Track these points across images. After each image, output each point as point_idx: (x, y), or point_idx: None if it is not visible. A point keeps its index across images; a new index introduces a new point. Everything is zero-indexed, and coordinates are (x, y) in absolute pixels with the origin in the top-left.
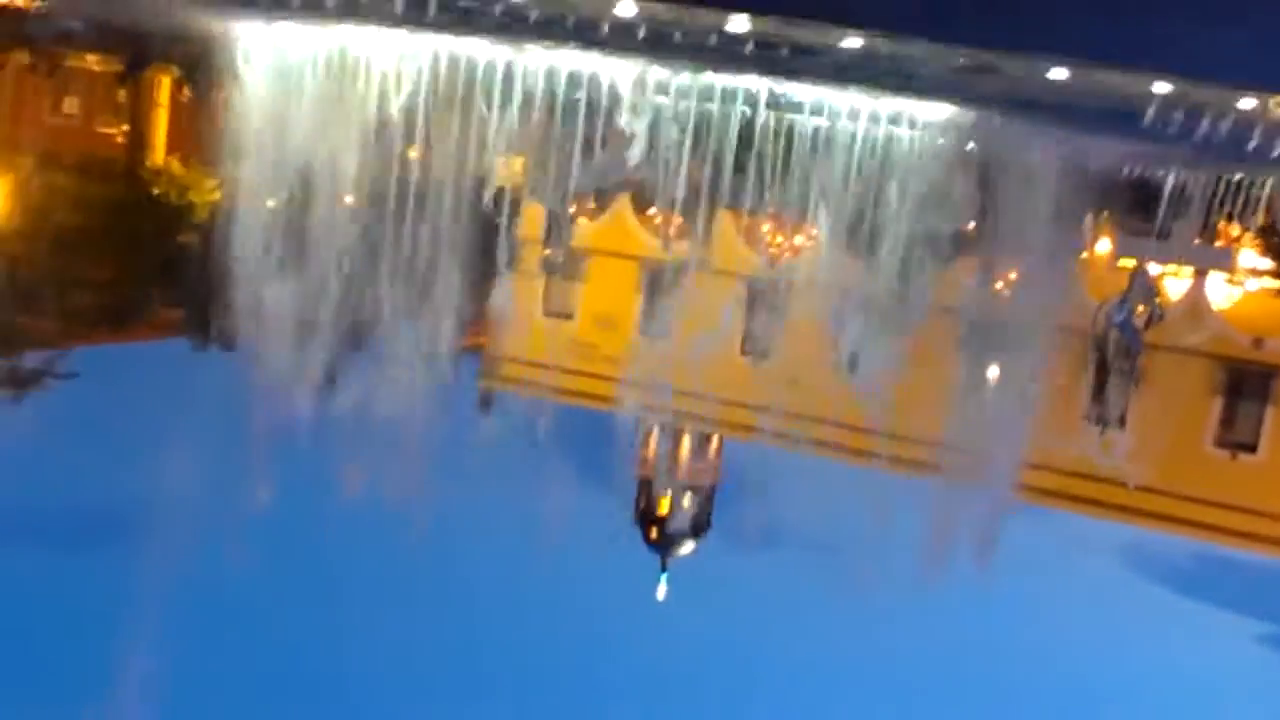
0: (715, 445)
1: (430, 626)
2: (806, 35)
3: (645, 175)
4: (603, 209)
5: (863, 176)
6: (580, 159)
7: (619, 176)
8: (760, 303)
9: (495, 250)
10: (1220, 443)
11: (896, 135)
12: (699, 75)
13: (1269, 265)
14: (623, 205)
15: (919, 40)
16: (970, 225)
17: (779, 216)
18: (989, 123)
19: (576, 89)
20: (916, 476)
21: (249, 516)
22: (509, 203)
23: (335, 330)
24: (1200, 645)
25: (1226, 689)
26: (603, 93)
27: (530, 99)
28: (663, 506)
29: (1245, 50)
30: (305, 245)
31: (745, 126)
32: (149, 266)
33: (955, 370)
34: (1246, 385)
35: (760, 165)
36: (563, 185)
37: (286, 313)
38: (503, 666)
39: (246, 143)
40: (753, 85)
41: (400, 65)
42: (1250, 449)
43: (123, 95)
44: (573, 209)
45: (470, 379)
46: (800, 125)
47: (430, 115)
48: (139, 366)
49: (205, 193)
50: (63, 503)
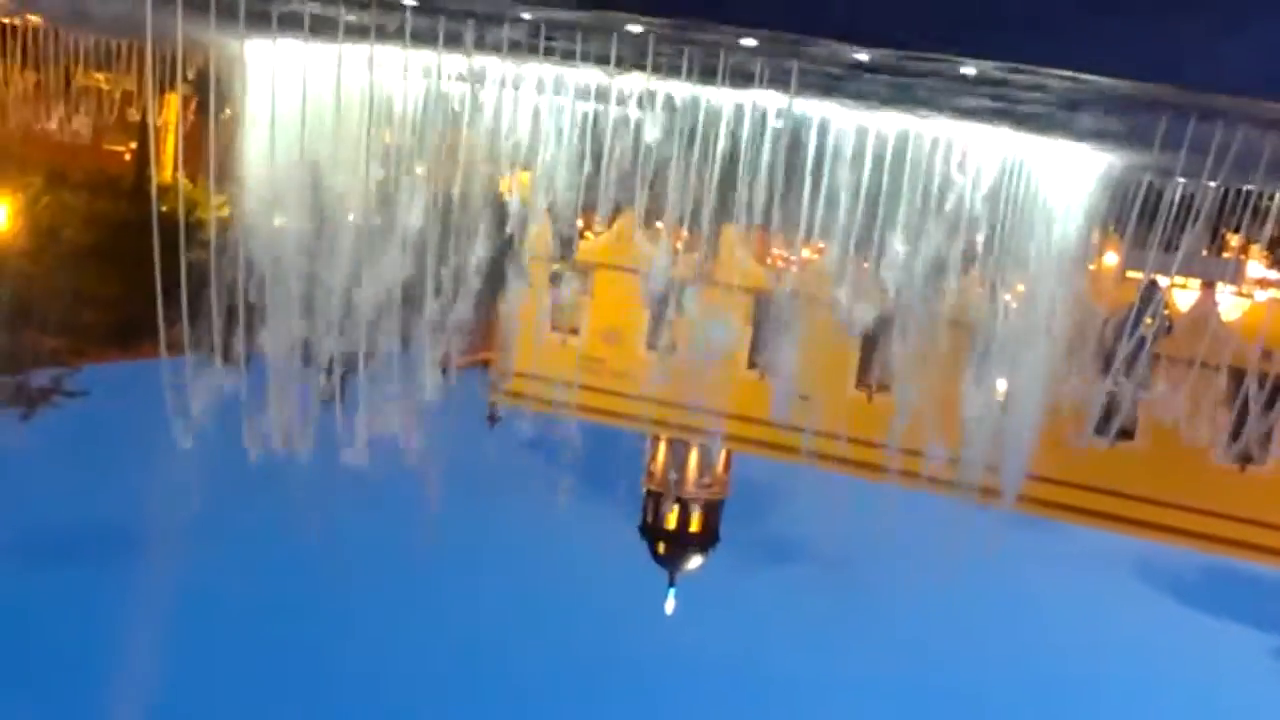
0: (723, 459)
1: (436, 641)
2: (815, 50)
3: (652, 190)
4: (609, 224)
5: (870, 191)
6: (587, 174)
7: (626, 191)
8: (767, 316)
9: (502, 265)
10: (1229, 455)
11: (904, 149)
12: (706, 90)
13: (1277, 277)
14: (629, 220)
15: (924, 54)
16: (978, 238)
17: (786, 230)
18: (995, 135)
19: (584, 103)
20: (926, 491)
21: (255, 533)
22: (516, 218)
23: (342, 346)
24: (1211, 658)
25: (1237, 702)
26: (610, 107)
27: (538, 114)
28: (670, 521)
29: (1256, 61)
30: (312, 262)
31: (753, 141)
32: (157, 284)
33: (964, 383)
34: (1256, 397)
35: (768, 179)
36: (570, 200)
37: (293, 329)
38: (510, 681)
39: (254, 160)
40: (760, 100)
41: (408, 82)
42: (1260, 461)
43: (131, 113)
44: (580, 223)
45: (477, 394)
46: (808, 139)
47: (438, 132)
48: (146, 384)
49: (213, 210)
50: (71, 520)
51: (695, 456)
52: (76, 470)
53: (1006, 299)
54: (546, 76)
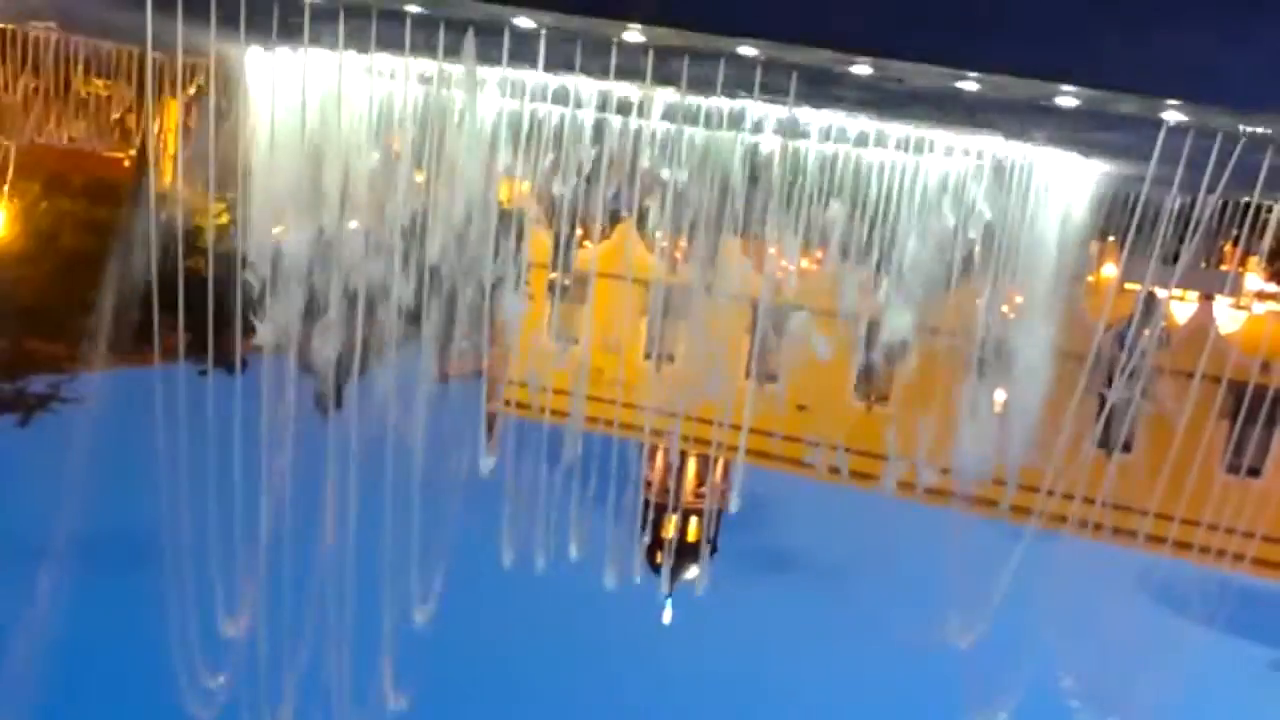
0: (722, 469)
1: (434, 650)
2: (815, 60)
3: (651, 199)
4: (608, 232)
5: (870, 201)
6: (587, 183)
7: (625, 200)
8: (766, 327)
9: (501, 274)
10: (1228, 468)
11: (903, 160)
12: (706, 99)
13: (1276, 289)
14: (628, 228)
15: (925, 65)
16: (976, 249)
17: (785, 241)
18: (996, 146)
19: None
20: (923, 502)
21: (255, 536)
22: (515, 226)
23: (341, 354)
24: (1213, 671)
25: (1236, 714)
26: (610, 117)
27: (538, 123)
28: (669, 531)
29: (1256, 73)
30: (311, 270)
31: (752, 151)
32: (155, 291)
33: (962, 395)
34: (1255, 409)
35: (767, 190)
36: (569, 209)
37: (293, 337)
38: (508, 690)
39: (253, 167)
40: (760, 110)
41: (408, 90)
42: (1259, 474)
43: (130, 120)
44: (579, 233)
45: (476, 403)
46: (807, 150)
47: (437, 140)
48: (144, 391)
49: (212, 217)
50: (68, 526)
51: (694, 466)
52: (73, 476)
53: (1004, 310)
54: (545, 84)
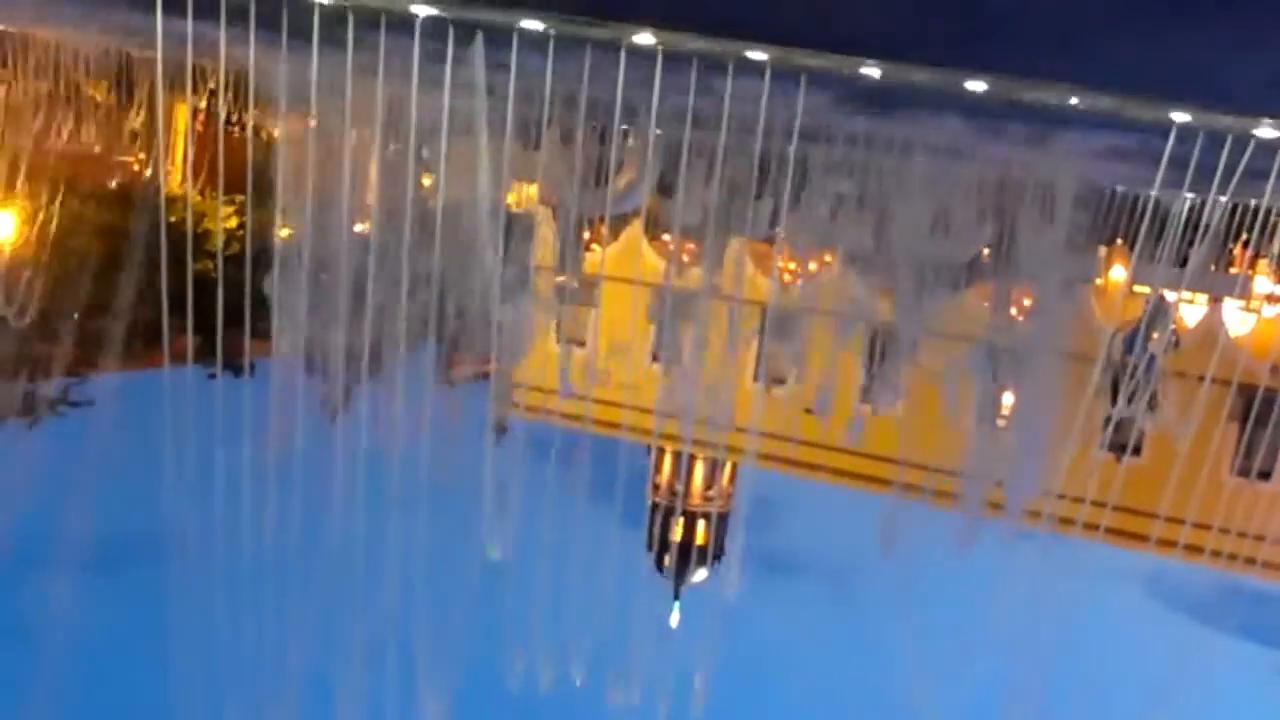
0: (729, 472)
1: (441, 651)
2: (821, 63)
3: (659, 201)
4: (616, 235)
5: (876, 203)
6: (594, 185)
7: (633, 203)
8: (773, 330)
9: (508, 277)
10: (1238, 471)
11: (911, 162)
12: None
13: None
14: (636, 231)
15: (934, 68)
16: (985, 252)
17: (793, 243)
18: (1005, 149)
19: (593, 115)
20: (932, 504)
21: (260, 538)
22: (522, 229)
23: (349, 357)
24: (1221, 674)
25: (1244, 716)
26: (617, 118)
27: (546, 125)
28: (676, 533)
29: (1265, 78)
30: (319, 273)
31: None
32: (164, 294)
33: (970, 398)
34: (1264, 412)
35: (775, 192)
36: (576, 211)
37: (301, 340)
38: (516, 692)
39: (262, 171)
40: (767, 112)
41: (415, 93)
42: (1269, 477)
43: (140, 123)
44: (586, 235)
45: (483, 406)
46: (815, 152)
47: (445, 142)
48: (153, 394)
49: (221, 221)
50: (78, 527)
51: (701, 469)
52: (81, 478)
53: (1013, 313)
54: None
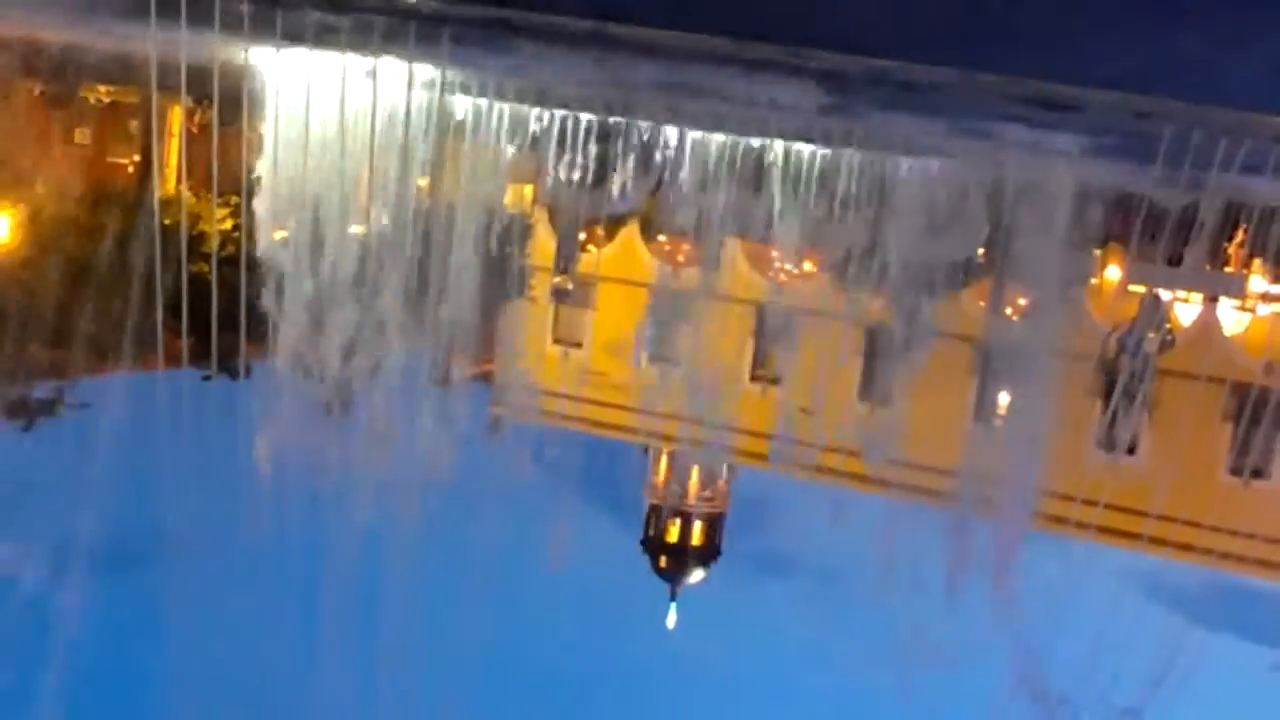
0: (725, 473)
1: (436, 653)
2: (818, 63)
3: (654, 202)
4: (612, 236)
5: (872, 203)
6: (590, 187)
7: (628, 204)
8: (769, 330)
9: (505, 278)
10: (1232, 469)
11: (907, 161)
12: (708, 104)
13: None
14: (632, 232)
15: (928, 66)
16: (981, 251)
17: (788, 243)
18: (1000, 148)
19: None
20: (929, 505)
21: (257, 546)
22: (519, 230)
23: (345, 359)
24: (1215, 674)
25: (1240, 716)
26: (613, 121)
27: (541, 128)
28: (672, 534)
29: (1260, 75)
30: (315, 274)
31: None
32: (159, 296)
33: (966, 397)
34: (1258, 411)
35: (770, 192)
36: (572, 213)
37: (296, 341)
38: (511, 695)
39: (257, 172)
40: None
41: (411, 94)
42: (1263, 475)
43: (134, 125)
44: (582, 236)
45: (480, 407)
46: (810, 153)
47: (441, 144)
48: (148, 396)
49: (216, 222)
50: (72, 532)
51: (697, 470)
52: (77, 482)
53: (1008, 313)
54: (551, 89)
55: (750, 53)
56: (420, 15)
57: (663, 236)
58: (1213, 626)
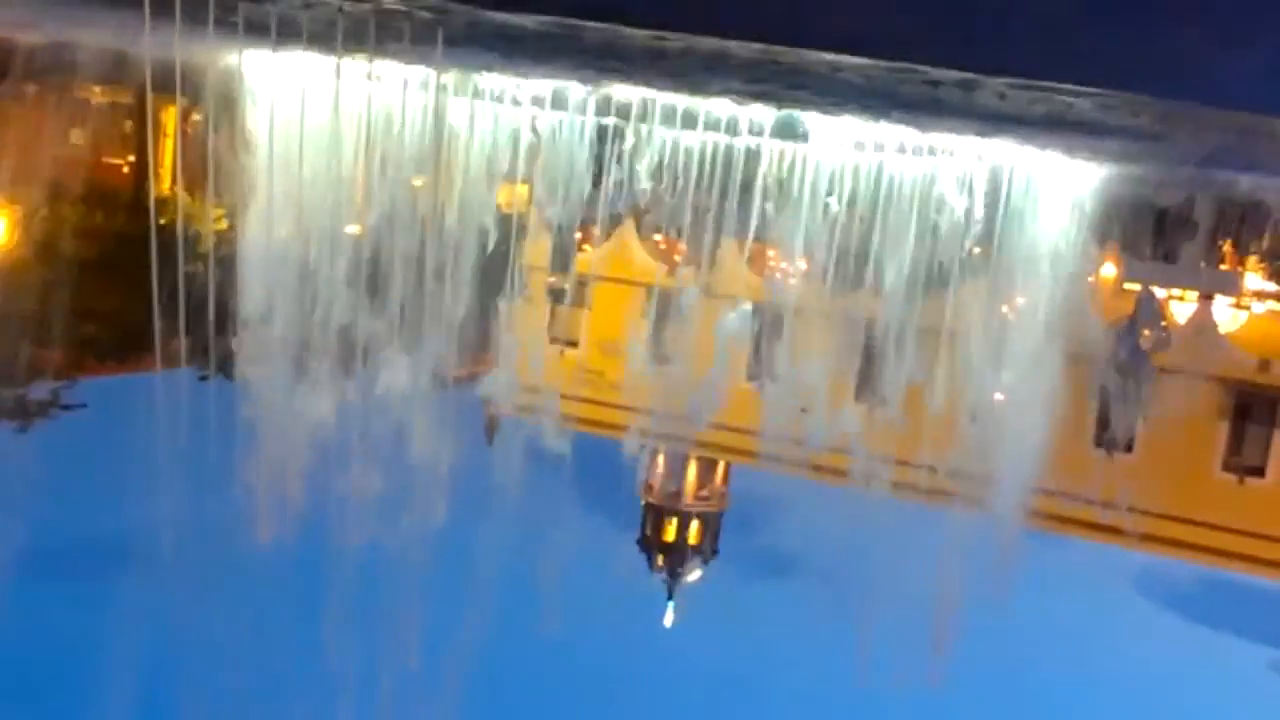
0: (722, 472)
1: (434, 653)
2: (810, 62)
3: (650, 202)
4: (608, 236)
5: (869, 202)
6: (586, 186)
7: (624, 203)
8: (766, 329)
9: (500, 277)
10: (1228, 467)
11: (904, 161)
12: (704, 102)
13: (1275, 288)
14: (628, 232)
15: (925, 66)
16: (976, 250)
17: (784, 242)
18: (997, 147)
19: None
20: (927, 503)
21: (253, 546)
22: (514, 230)
23: (340, 359)
24: (1211, 672)
25: (1235, 715)
26: (610, 119)
27: (536, 127)
28: (669, 532)
29: (1254, 74)
30: (310, 274)
31: (750, 152)
32: (155, 297)
33: (962, 396)
34: (1254, 409)
35: (765, 191)
36: (568, 212)
37: (291, 342)
38: (510, 693)
39: (252, 173)
40: (757, 113)
41: (407, 93)
42: (1259, 473)
43: (129, 126)
44: (578, 235)
45: (476, 406)
46: (804, 151)
47: (436, 143)
48: (145, 397)
49: (211, 223)
50: (69, 533)
51: (694, 469)
52: (73, 483)
53: (1004, 311)
54: (546, 89)
55: (743, 52)
56: (416, 16)
57: (658, 236)
58: (1208, 624)
